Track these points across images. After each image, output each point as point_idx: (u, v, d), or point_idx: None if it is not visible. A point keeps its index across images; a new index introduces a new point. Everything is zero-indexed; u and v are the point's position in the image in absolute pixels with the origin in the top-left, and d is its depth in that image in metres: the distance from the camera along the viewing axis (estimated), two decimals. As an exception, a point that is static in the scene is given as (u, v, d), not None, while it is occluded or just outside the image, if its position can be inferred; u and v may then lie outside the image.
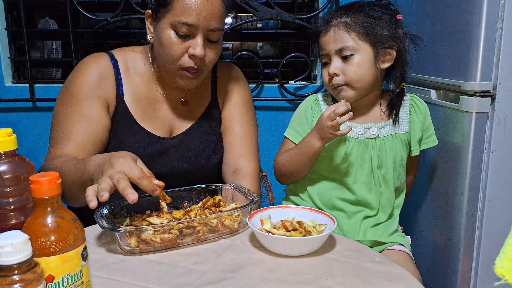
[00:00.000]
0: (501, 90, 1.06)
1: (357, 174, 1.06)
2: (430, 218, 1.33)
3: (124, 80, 1.05)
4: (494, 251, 0.56)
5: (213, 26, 0.96)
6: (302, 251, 0.77)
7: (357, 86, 1.02)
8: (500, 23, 1.03)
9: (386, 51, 1.03)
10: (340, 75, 1.02)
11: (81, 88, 1.01)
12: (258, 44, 2.37)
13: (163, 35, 0.96)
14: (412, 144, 1.09)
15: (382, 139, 1.06)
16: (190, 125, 1.10)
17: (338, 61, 1.02)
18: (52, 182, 0.54)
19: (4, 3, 1.70)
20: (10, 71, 1.76)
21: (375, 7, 1.03)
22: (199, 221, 0.80)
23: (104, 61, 1.04)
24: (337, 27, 1.01)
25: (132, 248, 0.76)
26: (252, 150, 1.13)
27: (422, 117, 1.09)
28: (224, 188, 0.96)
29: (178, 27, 0.94)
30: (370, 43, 1.00)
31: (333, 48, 1.01)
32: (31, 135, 1.71)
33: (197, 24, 0.93)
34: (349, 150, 1.06)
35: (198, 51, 0.95)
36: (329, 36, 1.02)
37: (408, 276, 0.71)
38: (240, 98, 1.15)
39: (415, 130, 1.08)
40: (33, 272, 0.47)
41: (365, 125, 1.07)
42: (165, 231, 0.77)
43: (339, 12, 1.03)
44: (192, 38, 0.95)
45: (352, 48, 1.00)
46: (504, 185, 1.10)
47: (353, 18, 1.00)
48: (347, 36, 1.00)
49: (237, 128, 1.13)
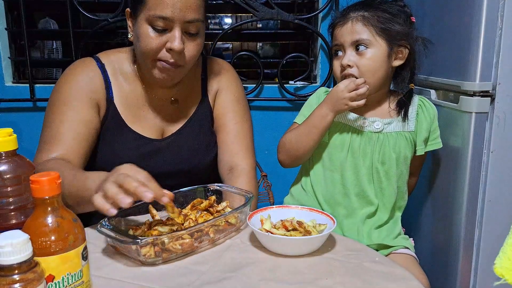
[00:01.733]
0: (501, 90, 1.06)
1: (358, 166, 1.07)
2: (430, 218, 1.33)
3: (112, 83, 1.04)
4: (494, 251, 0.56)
5: (190, 17, 0.92)
6: (302, 251, 0.77)
7: (369, 81, 1.02)
8: (500, 23, 1.03)
9: (399, 49, 1.04)
10: (353, 67, 1.02)
11: (71, 91, 1.00)
12: (258, 44, 2.37)
13: (140, 31, 0.94)
14: (418, 143, 1.09)
15: (386, 135, 1.06)
16: (182, 124, 1.09)
17: (352, 53, 1.03)
18: (52, 182, 0.54)
19: (4, 3, 1.70)
20: (10, 71, 1.76)
21: (393, 5, 1.04)
22: (212, 224, 0.79)
23: (91, 65, 1.04)
24: (355, 20, 1.02)
25: (154, 259, 0.73)
26: (247, 146, 1.12)
27: (430, 118, 1.10)
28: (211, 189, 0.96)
29: (154, 21, 0.92)
30: (385, 39, 1.01)
31: (349, 40, 1.02)
32: (31, 135, 1.71)
33: (172, 17, 0.91)
34: (352, 140, 1.06)
35: (176, 45, 0.92)
36: (346, 28, 1.03)
37: (409, 276, 0.71)
38: (232, 94, 1.14)
39: (421, 130, 1.08)
40: (33, 271, 0.47)
41: (370, 119, 1.07)
42: (179, 238, 0.75)
43: (358, 6, 1.04)
44: (169, 32, 0.93)
45: (368, 42, 1.01)
46: (504, 185, 1.10)
47: (372, 13, 1.01)
48: (364, 29, 1.01)
49: (231, 125, 1.12)
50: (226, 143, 1.11)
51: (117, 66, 1.06)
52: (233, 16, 2.05)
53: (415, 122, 1.09)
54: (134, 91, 1.06)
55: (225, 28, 1.73)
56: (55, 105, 1.00)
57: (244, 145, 1.11)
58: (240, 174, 1.06)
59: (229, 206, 0.89)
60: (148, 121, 1.06)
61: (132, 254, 0.73)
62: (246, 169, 1.08)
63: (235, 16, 2.11)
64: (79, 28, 1.83)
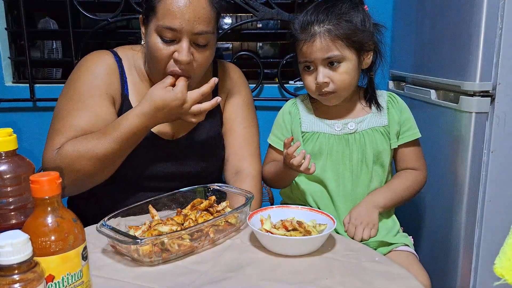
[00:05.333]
0: (501, 90, 1.06)
1: (341, 171, 1.07)
2: (430, 218, 1.33)
3: (128, 79, 1.04)
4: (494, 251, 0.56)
5: (198, 29, 0.92)
6: (302, 251, 0.77)
7: (345, 93, 1.04)
8: (500, 24, 1.04)
9: (367, 53, 1.04)
10: (329, 83, 1.02)
11: (88, 84, 0.98)
12: (258, 44, 2.36)
13: (149, 40, 0.94)
14: (391, 137, 1.09)
15: (361, 134, 1.06)
16: (192, 126, 1.09)
17: (325, 69, 1.01)
18: (52, 182, 0.54)
19: (4, 3, 1.70)
20: (10, 71, 1.76)
21: (345, 8, 1.01)
22: (211, 224, 0.79)
23: (108, 58, 1.03)
24: (323, 36, 0.99)
25: (154, 259, 0.72)
26: (254, 151, 1.13)
27: (399, 110, 1.09)
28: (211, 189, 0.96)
29: (162, 31, 0.92)
30: (354, 50, 1.01)
31: (320, 57, 1.00)
32: (31, 135, 1.71)
33: (180, 28, 0.91)
34: (329, 147, 1.06)
35: (182, 57, 0.92)
36: (315, 46, 0.99)
37: (408, 276, 0.71)
38: (242, 99, 1.15)
39: (393, 123, 1.08)
40: (33, 271, 0.47)
41: (343, 121, 1.07)
42: (179, 238, 0.75)
43: (320, 18, 1.00)
44: (177, 43, 0.93)
45: (340, 57, 1.00)
46: (504, 185, 1.10)
47: (336, 25, 0.99)
48: (334, 45, 0.99)
49: (239, 129, 1.12)
50: (234, 147, 1.12)
51: (133, 63, 1.06)
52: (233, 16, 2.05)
53: (387, 116, 1.08)
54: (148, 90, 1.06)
55: (225, 28, 1.73)
56: (70, 98, 0.98)
57: (252, 149, 1.12)
58: (246, 178, 1.07)
59: (229, 206, 0.89)
60: None
61: (132, 254, 0.73)
62: (252, 173, 1.08)
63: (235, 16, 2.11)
64: (79, 28, 1.83)
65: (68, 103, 0.98)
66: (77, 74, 1.01)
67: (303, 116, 1.10)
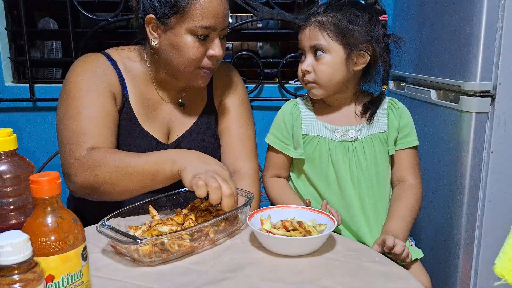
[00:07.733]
0: (501, 90, 1.06)
1: (341, 178, 1.05)
2: (430, 218, 1.33)
3: (126, 80, 1.03)
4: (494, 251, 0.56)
5: (226, 23, 0.99)
6: (302, 251, 0.77)
7: (325, 85, 1.03)
8: (500, 23, 1.04)
9: (360, 53, 1.02)
10: (311, 72, 1.02)
11: (90, 82, 0.97)
12: (258, 44, 2.37)
13: (180, 41, 0.95)
14: (389, 143, 1.08)
15: (361, 141, 1.05)
16: (188, 127, 1.09)
17: (311, 58, 1.03)
18: (52, 182, 0.54)
19: (4, 3, 1.70)
20: (10, 71, 1.76)
21: (353, 9, 1.02)
22: (211, 224, 0.79)
23: (102, 60, 1.02)
24: (313, 25, 1.02)
25: (154, 259, 0.72)
26: (251, 150, 1.12)
27: (398, 115, 1.07)
28: None
29: (198, 31, 0.94)
30: (342, 45, 1.00)
31: (308, 45, 1.02)
32: (31, 135, 1.71)
33: (215, 26, 0.95)
34: (329, 153, 1.05)
35: (218, 52, 0.97)
36: (306, 33, 1.03)
37: (408, 276, 0.71)
38: (237, 98, 1.14)
39: (392, 129, 1.07)
40: (33, 272, 0.47)
41: (343, 128, 1.06)
42: (179, 238, 0.75)
43: (319, 10, 1.03)
44: (209, 39, 0.96)
45: (325, 47, 1.00)
46: (504, 185, 1.10)
47: (329, 18, 1.00)
48: (320, 34, 1.01)
49: (235, 128, 1.12)
50: (230, 147, 1.11)
51: (128, 64, 1.05)
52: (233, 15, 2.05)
53: (386, 122, 1.08)
54: (147, 92, 1.06)
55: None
56: (75, 98, 0.96)
57: (248, 148, 1.12)
58: (244, 177, 1.06)
59: None
60: (157, 123, 1.06)
61: (132, 254, 0.73)
62: (249, 172, 1.08)
63: (235, 16, 2.11)
64: (79, 28, 1.83)
65: (73, 105, 0.96)
66: (74, 75, 0.99)
67: (304, 117, 1.09)
